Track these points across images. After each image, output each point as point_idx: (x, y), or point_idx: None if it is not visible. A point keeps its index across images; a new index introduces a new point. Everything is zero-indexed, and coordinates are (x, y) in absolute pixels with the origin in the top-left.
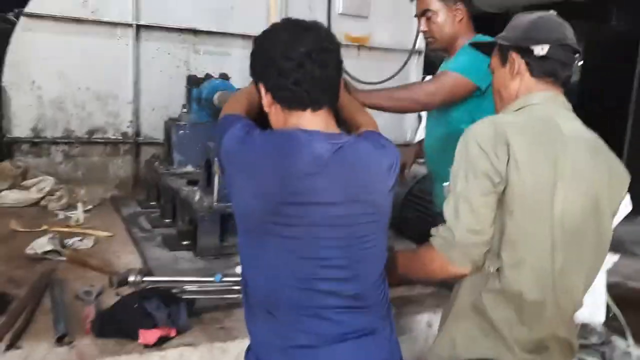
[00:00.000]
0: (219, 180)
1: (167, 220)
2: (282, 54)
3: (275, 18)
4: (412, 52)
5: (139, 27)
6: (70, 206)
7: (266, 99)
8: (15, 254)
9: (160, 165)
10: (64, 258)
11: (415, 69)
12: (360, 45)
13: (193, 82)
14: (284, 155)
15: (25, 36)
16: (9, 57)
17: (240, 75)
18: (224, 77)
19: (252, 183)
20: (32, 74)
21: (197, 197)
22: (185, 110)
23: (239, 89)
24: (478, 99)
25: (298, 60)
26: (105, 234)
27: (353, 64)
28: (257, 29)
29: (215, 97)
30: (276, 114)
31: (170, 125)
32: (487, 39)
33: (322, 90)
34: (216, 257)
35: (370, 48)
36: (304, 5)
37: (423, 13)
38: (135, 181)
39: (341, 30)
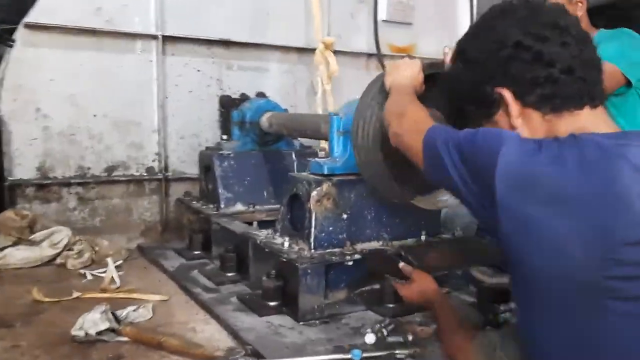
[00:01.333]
0: (317, 221)
1: (230, 275)
2: (533, 34)
3: (320, 24)
4: None
5: (164, 39)
6: (94, 262)
7: (514, 108)
8: (56, 337)
9: (201, 205)
10: (125, 338)
11: None
12: (406, 55)
13: (227, 103)
14: (599, 173)
15: (27, 52)
16: (8, 79)
17: (278, 93)
18: (262, 96)
19: (570, 221)
20: (37, 99)
21: (286, 244)
22: (225, 137)
23: (285, 109)
24: (624, 94)
25: (560, 38)
26: (159, 297)
27: None
28: (296, 40)
29: (264, 119)
30: (532, 127)
31: (210, 156)
32: (609, 33)
33: (598, 76)
34: (323, 320)
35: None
36: (345, 12)
37: None
38: (165, 226)
39: (383, 39)
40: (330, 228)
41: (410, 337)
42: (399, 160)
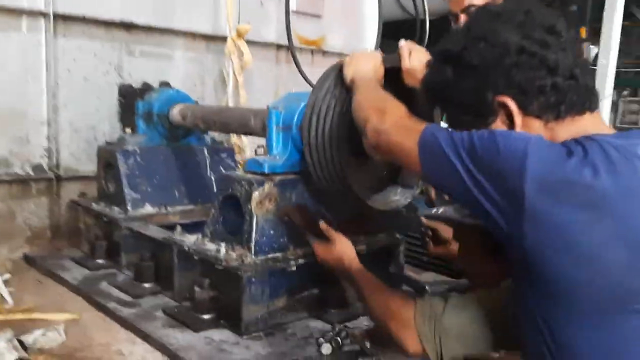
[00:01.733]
0: (259, 224)
1: (148, 285)
2: (536, 39)
3: (232, 10)
4: None
5: (55, 18)
6: None
7: (518, 118)
8: None
9: (103, 207)
10: None
11: None
12: (314, 49)
13: (128, 93)
14: (624, 174)
15: None
16: None
17: (184, 84)
18: (166, 86)
19: (608, 224)
20: None
21: (222, 251)
22: (128, 130)
23: (196, 101)
24: None
25: (559, 44)
26: (67, 316)
27: (307, 72)
28: (204, 26)
29: (175, 111)
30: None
31: (112, 151)
32: None
33: (593, 80)
34: (267, 332)
35: (324, 52)
36: (254, 0)
37: (465, 10)
38: (55, 232)
39: (292, 31)
40: (272, 231)
41: (367, 344)
42: (355, 159)
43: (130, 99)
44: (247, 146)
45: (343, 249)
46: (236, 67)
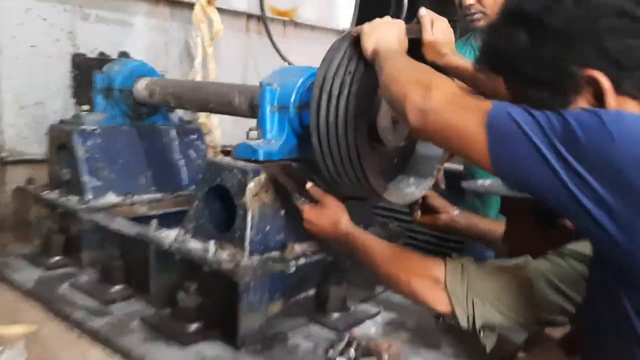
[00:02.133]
0: (254, 219)
1: (117, 289)
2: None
3: None
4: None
5: None
6: None
7: (611, 97)
8: None
9: (58, 196)
10: None
11: None
12: (286, 20)
13: (83, 65)
14: None
15: None
16: None
17: (146, 55)
18: (125, 57)
19: None
20: None
21: (210, 250)
22: (85, 107)
23: (162, 75)
24: None
25: None
26: (23, 328)
27: (279, 44)
28: None
29: (141, 86)
30: None
31: (68, 132)
32: None
33: None
34: (266, 344)
35: (297, 24)
36: None
37: None
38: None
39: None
40: (268, 227)
41: (386, 358)
42: (370, 146)
43: (85, 72)
44: (218, 127)
45: (337, 212)
46: (205, 37)
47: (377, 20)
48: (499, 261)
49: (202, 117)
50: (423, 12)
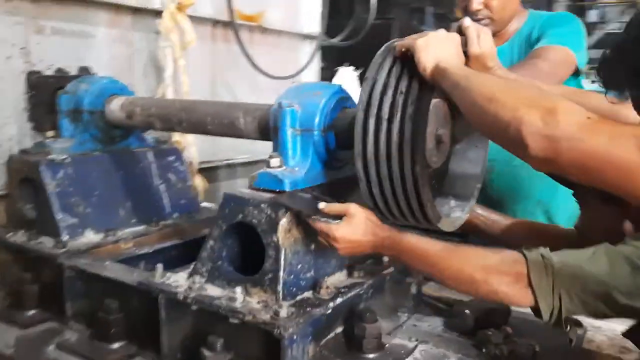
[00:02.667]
0: (287, 259)
1: (117, 346)
2: None
3: None
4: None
5: None
6: None
7: None
8: None
9: (26, 238)
10: None
11: (307, 59)
12: (252, 25)
13: (40, 84)
14: None
15: None
16: None
17: (109, 69)
18: (85, 72)
19: None
20: None
21: (238, 298)
22: (51, 134)
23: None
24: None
25: None
26: None
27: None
28: None
29: (115, 106)
30: None
31: (34, 164)
32: (556, 17)
33: None
34: None
35: (264, 30)
36: None
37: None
38: None
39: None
40: (299, 265)
41: None
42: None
43: (42, 92)
44: (193, 144)
45: (367, 217)
46: (176, 47)
47: (431, 33)
48: (575, 251)
49: (176, 135)
50: (468, 22)
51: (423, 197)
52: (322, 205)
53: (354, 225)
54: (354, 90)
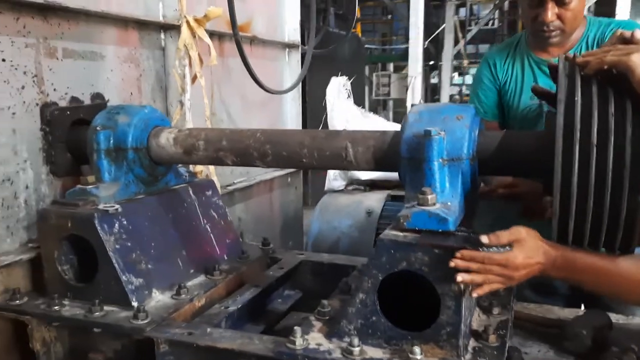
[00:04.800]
0: (465, 311)
1: None
2: None
3: None
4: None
5: None
6: None
7: None
8: None
9: (84, 310)
10: None
11: (289, 68)
12: (242, 36)
13: (57, 118)
14: None
15: None
16: None
17: (119, 95)
18: (99, 99)
19: None
20: None
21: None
22: (90, 179)
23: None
24: None
25: None
26: None
27: (237, 65)
28: (137, 7)
29: (164, 141)
30: None
31: (85, 217)
32: (601, 22)
33: None
34: None
35: (253, 40)
36: None
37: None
38: None
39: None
40: (468, 312)
41: None
42: None
43: (59, 127)
44: (214, 172)
45: (536, 238)
46: (196, 67)
47: (636, 48)
48: None
49: (199, 166)
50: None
51: (634, 228)
52: (485, 239)
53: (529, 249)
54: (346, 101)
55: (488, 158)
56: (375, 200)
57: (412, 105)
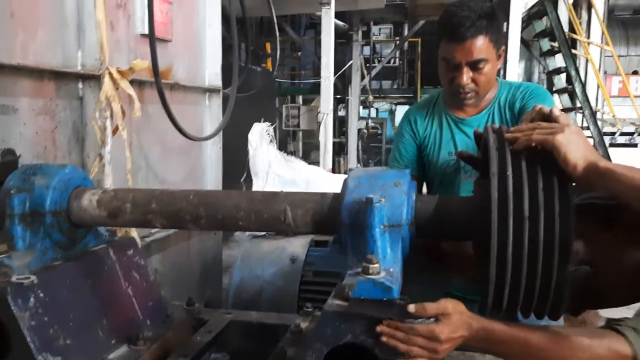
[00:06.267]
0: None
1: None
2: None
3: (106, 37)
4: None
5: None
6: None
7: None
8: None
9: None
10: None
11: (209, 113)
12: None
13: None
14: None
15: None
16: None
17: (33, 149)
18: (10, 155)
19: None
20: None
21: None
22: (3, 248)
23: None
24: None
25: None
26: None
27: (156, 113)
28: (54, 57)
29: (88, 202)
30: None
31: None
32: (511, 84)
33: None
34: None
35: (173, 86)
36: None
37: (475, 63)
38: None
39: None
40: None
41: None
42: None
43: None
44: (134, 229)
45: (461, 312)
46: (119, 119)
47: (570, 129)
48: None
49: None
50: (557, 111)
51: (562, 296)
52: (412, 308)
53: (454, 323)
54: (268, 146)
55: (424, 223)
56: (298, 246)
57: (350, 170)
